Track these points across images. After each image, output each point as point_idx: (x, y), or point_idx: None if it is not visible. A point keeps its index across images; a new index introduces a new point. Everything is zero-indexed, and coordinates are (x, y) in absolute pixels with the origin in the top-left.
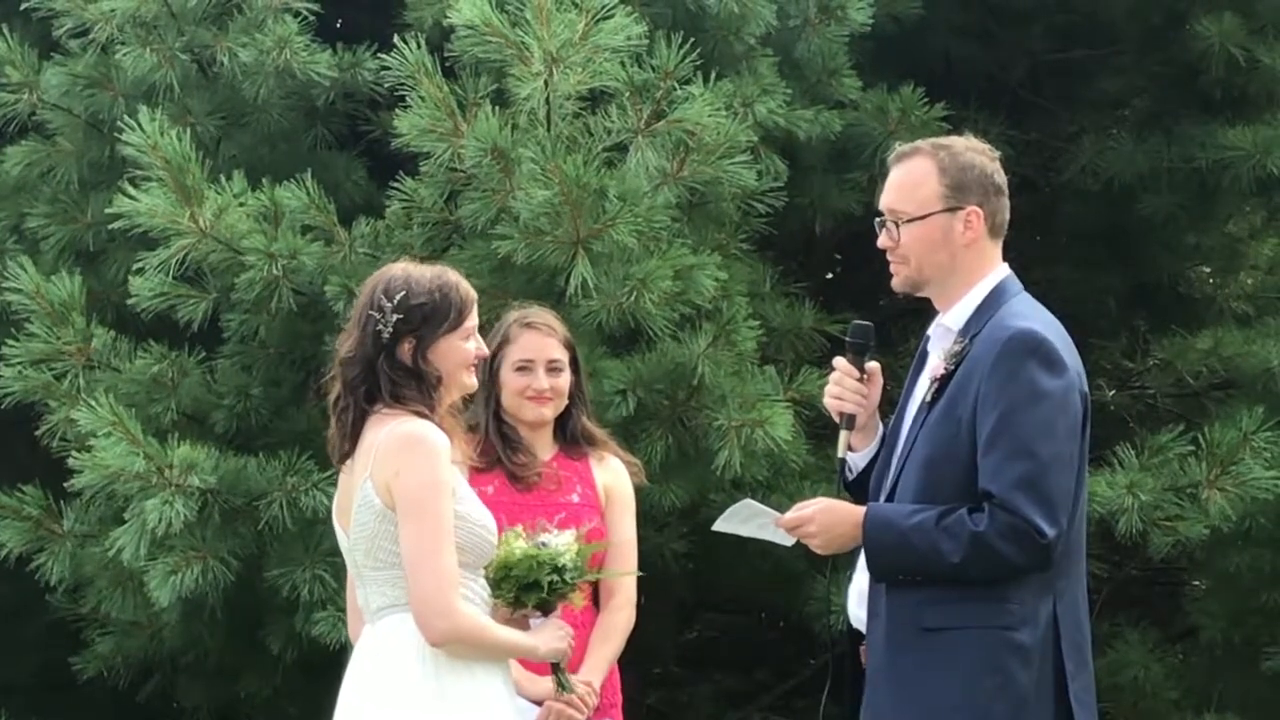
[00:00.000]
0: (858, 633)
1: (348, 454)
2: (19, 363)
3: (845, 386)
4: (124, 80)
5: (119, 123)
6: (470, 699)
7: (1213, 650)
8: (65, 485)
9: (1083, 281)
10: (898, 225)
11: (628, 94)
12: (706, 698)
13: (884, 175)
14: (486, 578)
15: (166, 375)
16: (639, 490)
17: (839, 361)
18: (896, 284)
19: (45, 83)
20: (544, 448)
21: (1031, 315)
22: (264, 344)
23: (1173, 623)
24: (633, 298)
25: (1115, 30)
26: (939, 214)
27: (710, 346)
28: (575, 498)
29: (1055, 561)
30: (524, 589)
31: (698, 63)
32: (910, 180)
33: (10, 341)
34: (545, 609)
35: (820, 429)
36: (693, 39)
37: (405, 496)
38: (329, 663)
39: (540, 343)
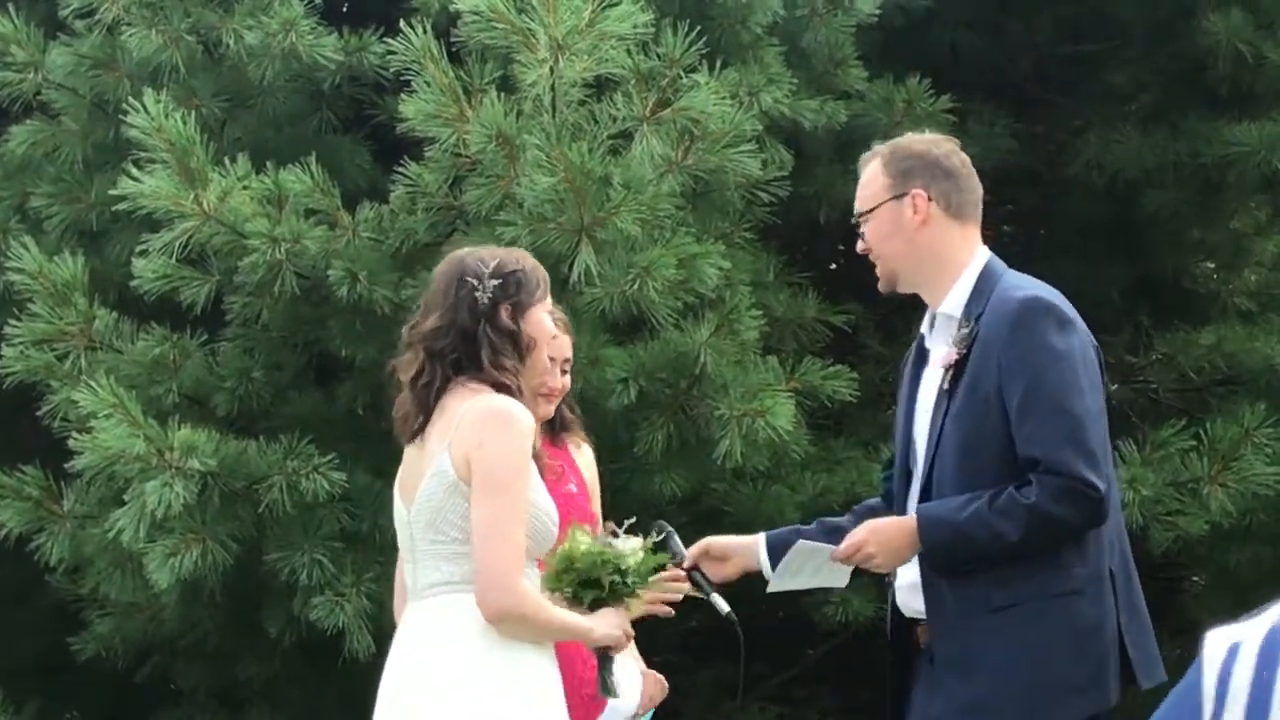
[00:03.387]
0: (909, 620)
1: (420, 429)
2: (21, 343)
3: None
4: (129, 61)
5: (124, 104)
6: (525, 686)
7: None
8: (66, 466)
9: (1086, 276)
10: (859, 227)
11: (633, 82)
12: (706, 686)
13: None
14: (546, 572)
15: (168, 357)
16: (641, 481)
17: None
18: (880, 285)
19: (50, 63)
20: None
21: (1030, 284)
22: (266, 327)
23: (1172, 618)
24: (636, 286)
25: (1123, 24)
26: (886, 203)
27: (713, 335)
28: (573, 488)
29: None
30: (584, 584)
31: (704, 51)
32: (863, 181)
33: (13, 322)
34: (597, 608)
35: (822, 419)
36: (699, 27)
37: (487, 469)
38: (327, 646)
39: (563, 342)
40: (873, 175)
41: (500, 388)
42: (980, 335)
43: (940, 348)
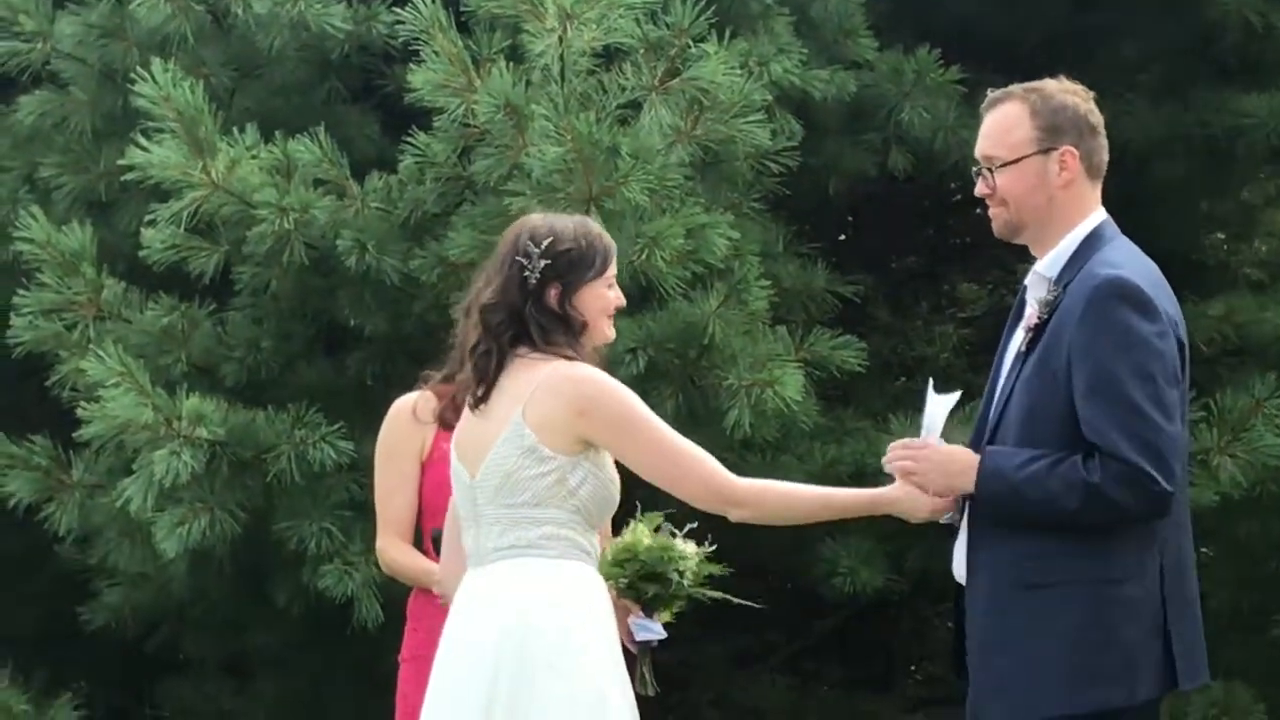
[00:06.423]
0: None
1: (484, 398)
2: (30, 313)
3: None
4: (138, 31)
5: (132, 73)
6: (616, 649)
7: (1220, 618)
8: (74, 435)
9: None
10: (992, 171)
11: (642, 51)
12: (717, 658)
13: (898, 137)
14: (603, 559)
15: (177, 327)
16: None
17: None
18: (996, 229)
19: (59, 32)
20: None
21: (1124, 262)
22: (275, 297)
23: None
24: (644, 256)
25: None
26: (1033, 156)
27: (721, 306)
28: None
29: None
30: (646, 577)
31: (713, 21)
32: (1003, 125)
33: (21, 291)
34: (653, 605)
35: (831, 390)
36: None
37: (615, 418)
38: (336, 616)
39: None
40: (1015, 121)
41: (568, 358)
42: (1062, 305)
43: (1032, 304)
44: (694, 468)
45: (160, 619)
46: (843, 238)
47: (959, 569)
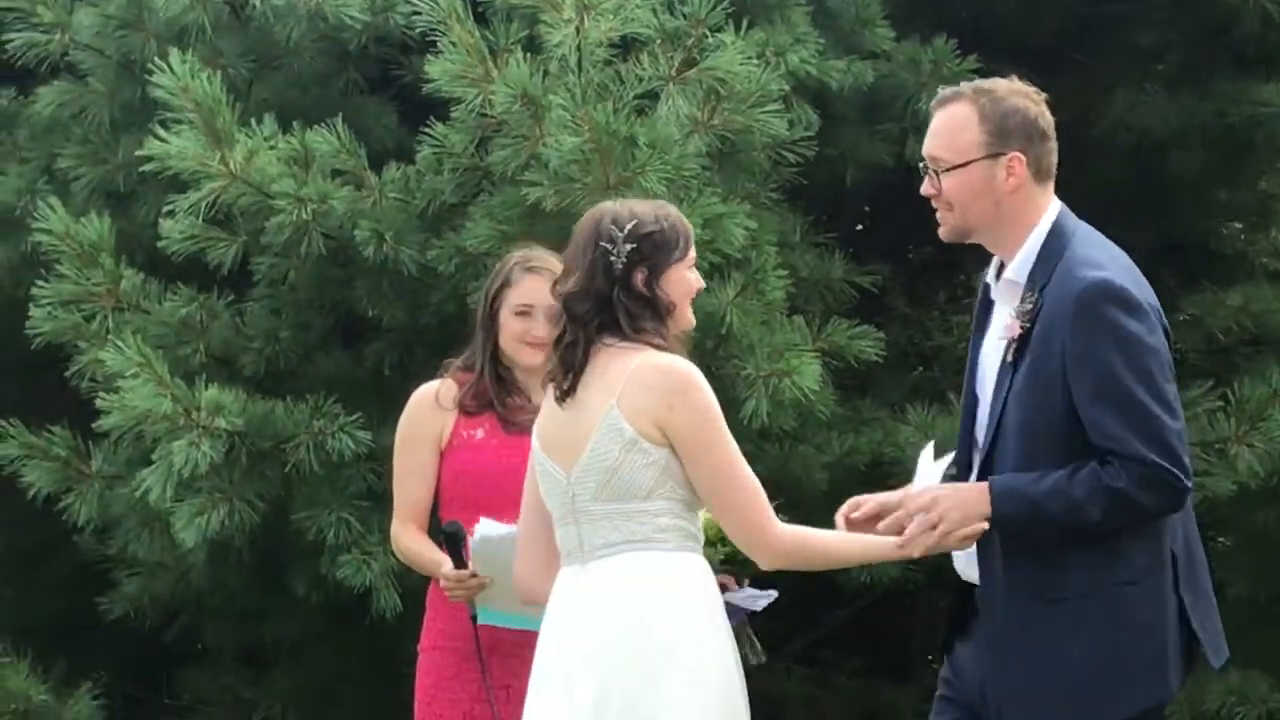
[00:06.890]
0: (967, 584)
1: (571, 390)
2: (48, 304)
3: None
4: (156, 22)
5: (150, 64)
6: (730, 643)
7: (1238, 607)
8: (93, 426)
9: (1112, 237)
10: (938, 174)
11: (659, 41)
12: None
13: (915, 127)
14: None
15: (195, 318)
16: None
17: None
18: (943, 233)
19: (77, 23)
20: (539, 392)
21: (1098, 260)
22: (293, 288)
23: None
24: None
25: None
26: (980, 161)
27: (739, 296)
28: None
29: None
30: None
31: (729, 11)
32: (951, 126)
33: (40, 283)
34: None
35: (848, 380)
36: None
37: (698, 421)
38: (354, 606)
39: (542, 288)
40: (964, 124)
41: (657, 346)
42: (1044, 311)
43: (1004, 311)
44: (752, 502)
45: (179, 609)
46: (860, 228)
47: (964, 567)
